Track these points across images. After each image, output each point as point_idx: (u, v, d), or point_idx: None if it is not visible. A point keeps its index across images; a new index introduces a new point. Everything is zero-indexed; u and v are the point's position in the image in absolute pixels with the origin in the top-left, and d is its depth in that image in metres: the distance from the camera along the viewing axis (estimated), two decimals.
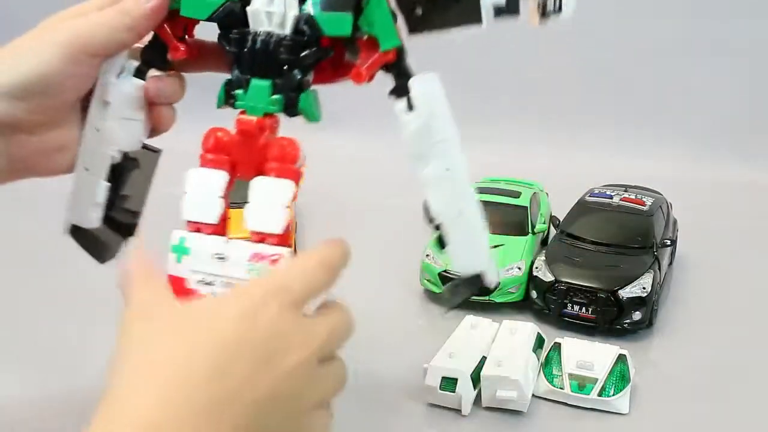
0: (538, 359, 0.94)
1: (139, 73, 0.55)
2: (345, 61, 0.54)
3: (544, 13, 0.51)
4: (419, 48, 0.55)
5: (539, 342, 0.97)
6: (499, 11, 0.50)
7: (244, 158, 0.50)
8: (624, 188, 1.32)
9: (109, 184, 0.58)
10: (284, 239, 0.47)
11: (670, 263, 1.28)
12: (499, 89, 1.94)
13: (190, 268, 0.47)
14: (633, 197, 1.27)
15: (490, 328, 0.97)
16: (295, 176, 0.49)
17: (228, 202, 0.50)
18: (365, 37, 0.51)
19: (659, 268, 1.13)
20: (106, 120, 0.54)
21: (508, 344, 0.93)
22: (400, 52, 0.52)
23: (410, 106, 0.52)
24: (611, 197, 1.27)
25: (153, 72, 0.56)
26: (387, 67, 0.52)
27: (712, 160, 1.79)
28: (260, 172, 0.50)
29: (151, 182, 0.62)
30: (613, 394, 0.89)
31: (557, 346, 0.95)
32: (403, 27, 0.52)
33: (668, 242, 1.20)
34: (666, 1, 1.89)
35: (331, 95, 0.56)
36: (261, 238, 0.47)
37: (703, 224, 1.42)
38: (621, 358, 0.92)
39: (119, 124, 0.55)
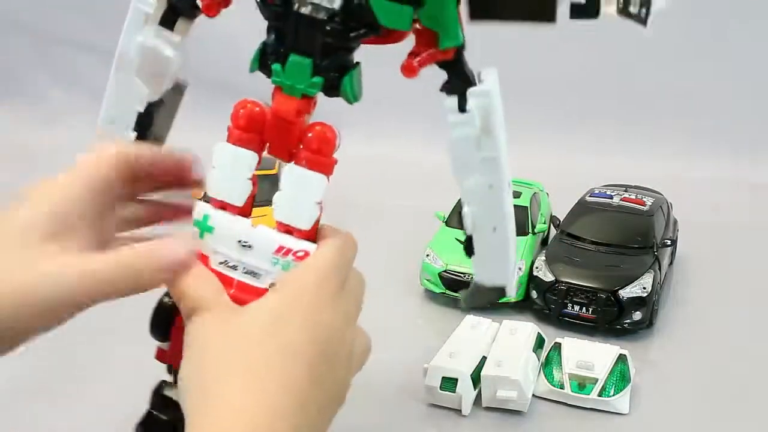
0: (538, 359, 0.94)
1: (166, 23, 0.52)
2: (405, 64, 0.48)
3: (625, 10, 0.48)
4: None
5: (539, 342, 0.97)
6: (577, 11, 0.47)
7: (276, 138, 0.47)
8: (624, 188, 1.32)
9: (135, 133, 0.55)
10: (311, 234, 0.45)
11: (670, 263, 1.28)
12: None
13: (212, 247, 0.45)
14: (633, 197, 1.27)
15: (490, 328, 0.97)
16: (329, 168, 0.47)
17: (256, 180, 0.48)
18: (421, 27, 0.46)
19: (659, 268, 1.13)
20: (132, 76, 0.52)
21: (508, 344, 0.93)
22: (460, 50, 0.47)
23: (461, 108, 0.48)
24: (611, 197, 1.27)
25: (180, 22, 0.52)
26: (442, 64, 0.48)
27: (712, 160, 1.79)
28: (293, 155, 0.47)
29: (174, 118, 0.59)
30: (613, 394, 0.89)
31: (557, 346, 0.95)
32: (464, 10, 0.46)
33: (668, 242, 1.20)
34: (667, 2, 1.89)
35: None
36: (287, 229, 0.45)
37: (703, 224, 1.42)
38: (621, 358, 0.92)
39: (146, 79, 0.53)
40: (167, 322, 0.46)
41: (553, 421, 0.88)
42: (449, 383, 0.86)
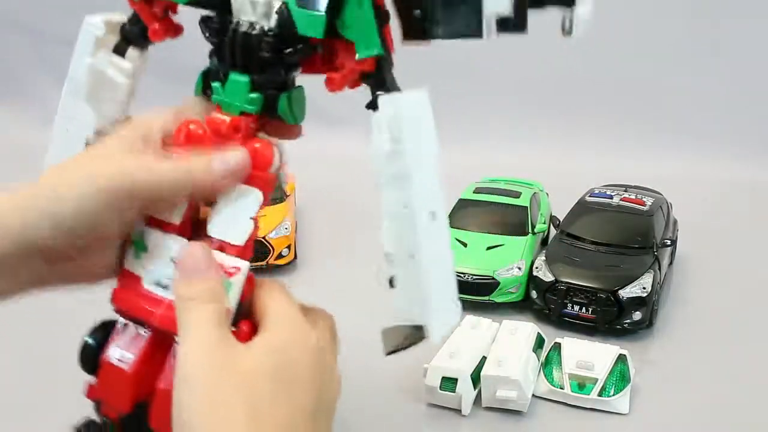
0: (538, 359, 0.94)
1: (118, 51, 0.52)
2: (328, 77, 0.47)
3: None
4: (419, 48, 0.54)
5: (539, 342, 0.97)
6: (503, 25, 0.44)
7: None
8: (624, 188, 1.32)
9: None
10: (244, 251, 0.43)
11: (670, 263, 1.28)
12: (499, 90, 1.94)
13: (145, 266, 0.44)
14: (633, 197, 1.27)
15: (490, 328, 0.97)
16: (266, 185, 0.45)
17: (195, 200, 0.46)
18: (344, 40, 0.45)
19: (659, 268, 1.13)
20: (81, 101, 0.52)
21: (508, 344, 0.93)
22: (380, 61, 0.45)
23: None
24: (611, 197, 1.27)
25: (132, 50, 0.53)
26: (366, 78, 0.46)
27: (712, 160, 1.79)
28: None
29: None
30: (613, 394, 0.89)
31: (557, 346, 0.95)
32: (398, 32, 0.45)
33: (668, 242, 1.20)
34: (666, 2, 1.89)
35: (330, 95, 0.53)
36: (221, 246, 0.43)
37: (703, 224, 1.42)
38: (621, 358, 0.92)
39: (95, 105, 0.52)
40: (94, 358, 0.44)
41: (553, 421, 0.88)
42: (449, 383, 0.86)
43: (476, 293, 1.12)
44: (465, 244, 1.16)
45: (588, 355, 0.93)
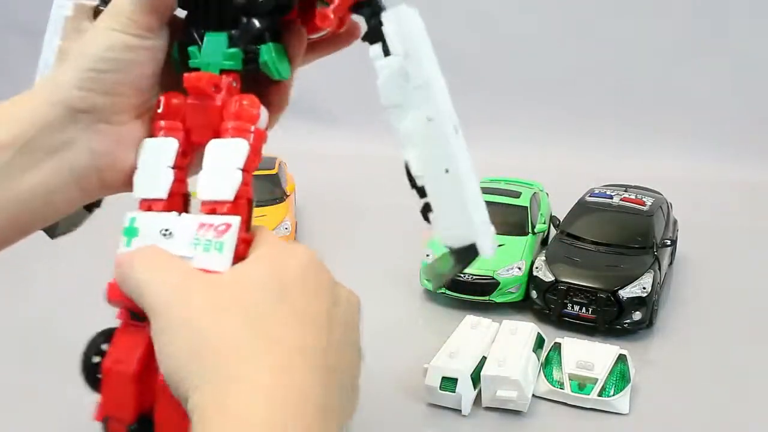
0: (538, 359, 0.94)
1: None
2: (317, 12, 0.45)
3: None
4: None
5: (539, 342, 0.97)
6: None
7: (199, 122, 0.44)
8: (624, 188, 1.32)
9: None
10: (236, 207, 0.41)
11: (670, 263, 1.28)
12: (500, 90, 1.94)
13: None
14: (633, 197, 1.27)
15: (490, 328, 0.97)
16: (256, 139, 0.43)
17: (186, 173, 0.44)
18: None
19: (659, 268, 1.13)
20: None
21: (508, 344, 0.93)
22: None
23: (386, 51, 0.44)
24: (611, 197, 1.27)
25: None
26: (357, 8, 0.44)
27: (712, 160, 1.79)
28: (217, 135, 0.43)
29: None
30: (613, 394, 0.89)
31: (557, 346, 0.95)
32: None
33: (668, 242, 1.20)
34: (667, 3, 1.89)
35: (330, 95, 0.53)
36: (212, 208, 0.41)
37: (703, 224, 1.42)
38: (621, 358, 0.92)
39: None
40: (95, 370, 0.43)
41: (553, 421, 0.88)
42: (449, 383, 0.86)
43: (476, 293, 1.12)
44: None
45: (588, 355, 0.93)
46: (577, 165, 1.72)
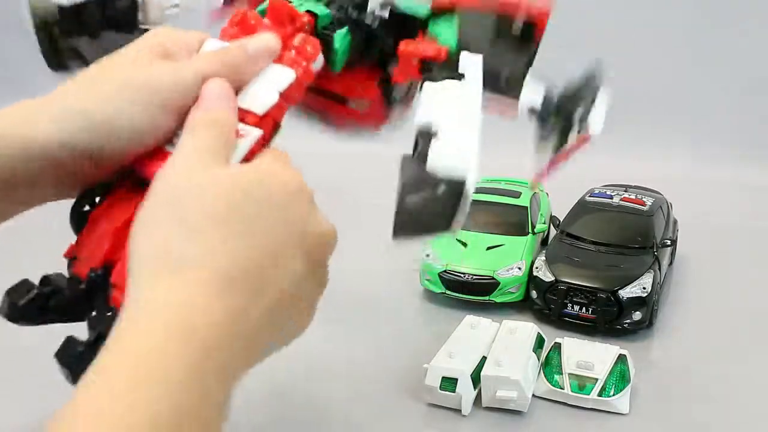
0: (538, 359, 0.94)
1: None
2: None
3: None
4: None
5: (539, 342, 0.97)
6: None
7: None
8: (624, 188, 1.32)
9: None
10: (261, 123, 0.43)
11: (670, 263, 1.28)
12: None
13: None
14: (633, 197, 1.27)
15: (490, 328, 0.97)
16: (305, 73, 0.46)
17: (287, 107, 0.47)
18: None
19: (659, 268, 1.13)
20: None
21: (508, 344, 0.93)
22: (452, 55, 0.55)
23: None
24: (611, 197, 1.27)
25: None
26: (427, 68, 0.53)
27: (712, 160, 1.79)
28: (277, 61, 0.47)
29: None
30: (613, 394, 0.89)
31: (557, 346, 0.95)
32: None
33: (668, 242, 1.20)
34: (667, 3, 1.89)
35: None
36: (241, 117, 0.43)
37: (703, 224, 1.42)
38: (621, 358, 0.92)
39: None
40: (80, 220, 0.43)
41: (553, 421, 0.88)
42: (449, 383, 0.86)
43: (476, 293, 1.12)
44: (465, 244, 1.16)
45: (588, 355, 0.93)
46: (577, 165, 1.72)
